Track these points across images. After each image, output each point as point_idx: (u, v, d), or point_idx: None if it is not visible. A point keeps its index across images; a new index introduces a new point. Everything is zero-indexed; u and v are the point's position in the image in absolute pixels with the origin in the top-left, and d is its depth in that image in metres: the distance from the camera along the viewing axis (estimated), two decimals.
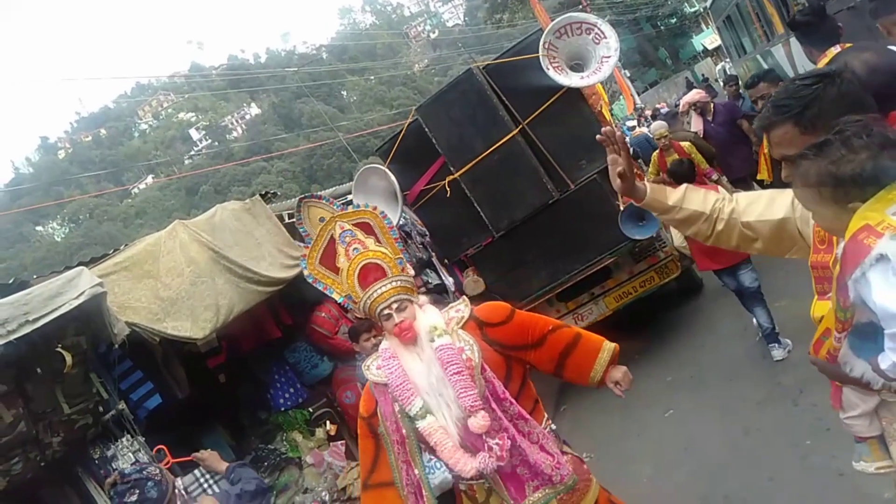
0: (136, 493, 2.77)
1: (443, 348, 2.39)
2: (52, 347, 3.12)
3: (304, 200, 2.72)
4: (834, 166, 1.33)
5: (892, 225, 1.25)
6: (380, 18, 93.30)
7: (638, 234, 5.36)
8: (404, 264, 2.57)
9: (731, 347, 5.26)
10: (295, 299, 5.14)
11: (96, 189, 48.42)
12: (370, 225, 2.60)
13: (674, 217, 1.95)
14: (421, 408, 2.38)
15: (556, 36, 5.29)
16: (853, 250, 1.29)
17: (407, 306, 2.47)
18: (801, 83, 1.56)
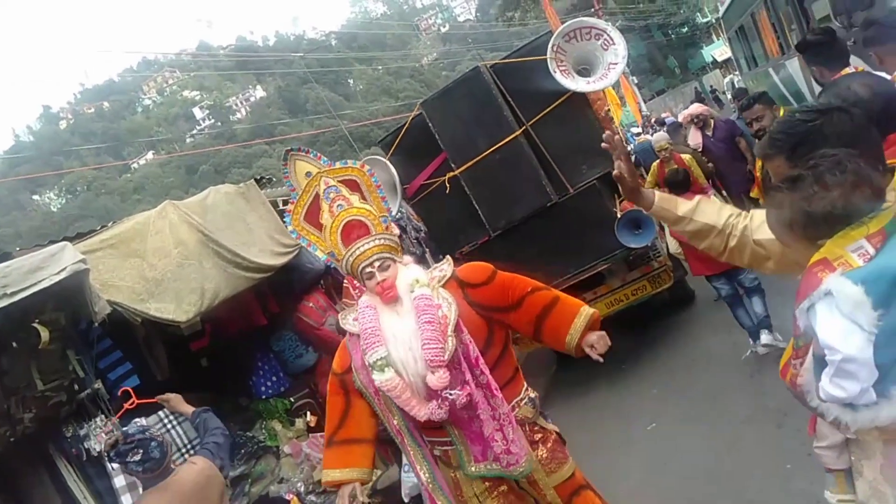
0: (140, 453, 2.82)
1: (420, 297, 2.38)
2: (30, 322, 3.06)
3: (290, 153, 2.66)
4: (806, 203, 1.35)
5: (847, 262, 1.27)
6: (391, 8, 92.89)
7: (633, 242, 5.40)
8: (388, 222, 2.55)
9: (718, 363, 5.23)
10: (283, 287, 5.08)
11: (96, 161, 48.21)
12: (356, 182, 2.57)
13: (684, 228, 1.93)
14: (381, 358, 2.36)
15: (566, 39, 5.29)
16: (807, 282, 1.33)
17: (390, 265, 2.45)
18: (800, 118, 1.56)
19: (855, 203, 1.31)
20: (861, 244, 1.30)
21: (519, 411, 2.53)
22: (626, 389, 5.53)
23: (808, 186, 1.35)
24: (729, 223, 1.83)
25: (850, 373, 1.27)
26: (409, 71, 62.94)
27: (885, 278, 1.24)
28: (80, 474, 3.32)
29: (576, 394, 5.82)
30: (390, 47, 65.43)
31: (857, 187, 1.31)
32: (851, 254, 1.29)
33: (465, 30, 65.54)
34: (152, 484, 2.88)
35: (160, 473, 2.88)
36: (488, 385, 2.39)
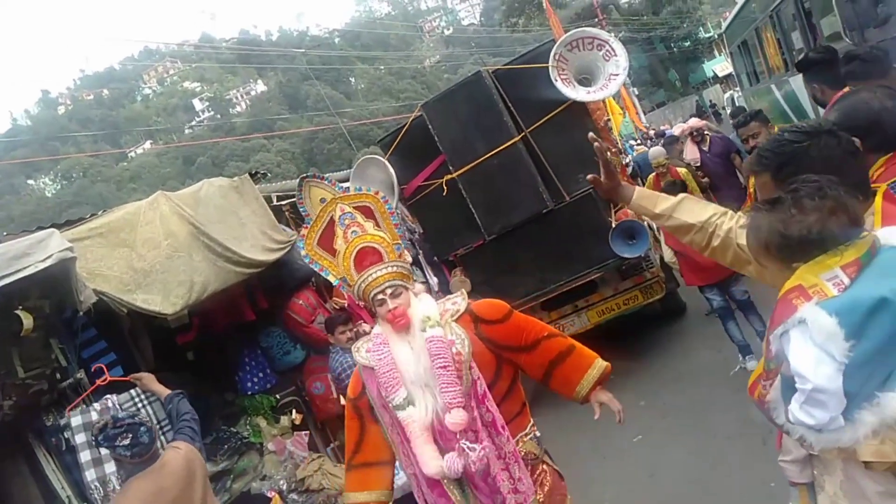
0: (129, 437, 2.81)
1: (433, 340, 2.36)
2: (13, 308, 3.02)
3: (305, 180, 2.67)
4: (783, 225, 1.36)
5: (822, 291, 1.29)
6: (396, 9, 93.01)
7: (627, 252, 5.41)
8: (402, 250, 2.54)
9: (707, 378, 5.22)
10: (274, 283, 5.05)
11: (93, 149, 48.08)
12: (371, 209, 2.57)
13: (664, 224, 1.97)
14: (404, 399, 2.37)
15: (568, 48, 5.33)
16: (782, 307, 1.34)
17: (401, 292, 2.45)
18: (788, 137, 1.57)
19: (831, 229, 1.32)
20: (836, 273, 1.31)
21: (523, 446, 2.49)
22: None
23: (786, 209, 1.37)
24: (711, 222, 1.85)
25: (821, 402, 1.29)
26: (411, 72, 62.98)
27: (858, 310, 1.26)
28: (58, 463, 3.28)
29: (562, 401, 5.78)
30: (393, 47, 65.50)
31: (835, 214, 1.33)
32: (826, 283, 1.31)
33: (468, 34, 65.66)
34: (139, 469, 2.86)
35: (148, 458, 2.87)
36: (493, 423, 2.37)
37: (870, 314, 1.25)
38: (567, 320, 6.01)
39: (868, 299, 1.25)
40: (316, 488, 4.64)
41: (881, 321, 1.25)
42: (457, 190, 5.63)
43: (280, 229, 4.97)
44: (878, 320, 1.25)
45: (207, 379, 5.07)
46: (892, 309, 1.25)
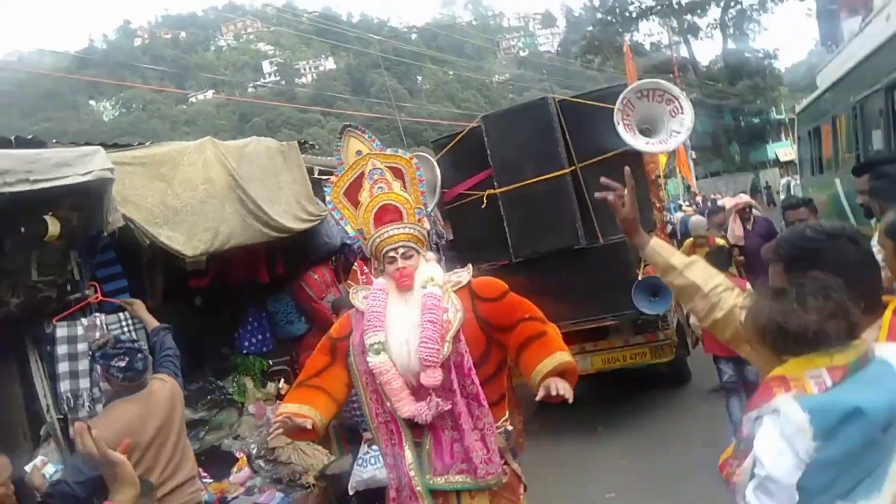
0: (126, 361, 2.94)
1: (430, 296, 2.43)
2: (43, 213, 3.08)
3: (347, 129, 2.74)
4: (782, 317, 1.38)
5: (803, 386, 1.31)
6: (478, 20, 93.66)
7: (647, 307, 5.36)
8: (422, 215, 2.59)
9: (696, 449, 5.11)
10: (295, 252, 5.09)
11: (158, 85, 49.03)
12: (402, 171, 2.63)
13: (672, 281, 1.99)
14: (378, 342, 2.40)
15: (638, 96, 5.33)
16: (762, 393, 1.37)
17: (413, 255, 2.50)
18: (809, 234, 1.59)
19: (827, 332, 1.34)
20: (821, 373, 1.32)
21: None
22: (596, 452, 5.44)
23: (788, 302, 1.39)
24: (716, 293, 1.88)
25: (770, 491, 1.30)
26: (478, 84, 63.21)
27: (832, 413, 1.26)
28: (45, 371, 3.33)
29: (544, 443, 5.73)
30: (466, 56, 65.90)
31: (834, 318, 1.34)
32: (809, 379, 1.32)
33: (542, 60, 65.71)
34: (126, 393, 2.98)
35: (137, 386, 2.98)
36: (476, 395, 2.40)
37: (842, 420, 1.25)
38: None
39: (844, 405, 1.25)
40: (284, 461, 4.64)
41: (852, 430, 1.24)
42: (496, 206, 5.66)
43: (315, 202, 5.01)
44: (849, 428, 1.24)
45: (209, 328, 5.13)
46: (865, 420, 1.24)
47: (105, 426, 2.84)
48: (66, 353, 3.26)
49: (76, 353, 3.28)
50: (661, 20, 39.64)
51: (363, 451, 4.14)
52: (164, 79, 56.60)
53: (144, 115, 59.30)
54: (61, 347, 3.26)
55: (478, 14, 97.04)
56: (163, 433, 3.02)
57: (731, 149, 39.83)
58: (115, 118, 61.66)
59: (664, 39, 39.29)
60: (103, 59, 59.77)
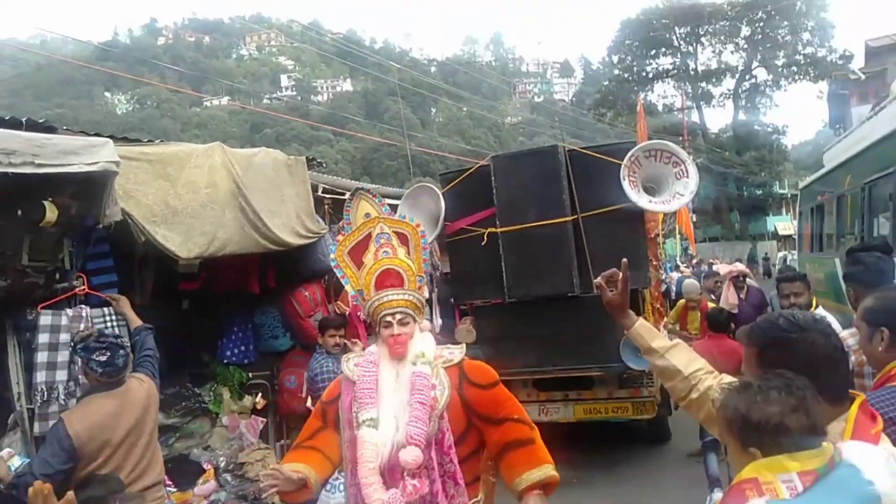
0: (107, 356, 2.93)
1: (419, 375, 2.41)
2: (43, 198, 3.06)
3: (359, 192, 2.80)
4: (745, 408, 1.43)
5: (775, 490, 1.33)
6: (498, 61, 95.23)
7: (633, 363, 5.36)
8: (422, 283, 2.60)
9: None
10: (288, 267, 5.06)
11: (175, 85, 49.47)
12: (407, 237, 2.66)
13: (654, 361, 2.06)
14: (371, 419, 2.38)
15: (646, 154, 5.42)
16: (735, 495, 1.38)
17: (409, 322, 2.50)
18: (782, 324, 1.65)
19: (787, 425, 1.37)
20: (792, 478, 1.34)
21: None
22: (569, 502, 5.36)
23: (752, 394, 1.44)
24: (696, 375, 1.97)
25: None
26: (490, 123, 64.01)
27: None
28: (21, 359, 3.27)
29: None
30: (482, 95, 66.76)
31: (796, 412, 1.39)
32: (781, 484, 1.34)
33: (555, 107, 66.70)
34: (104, 389, 2.96)
35: (115, 382, 2.96)
36: (454, 474, 2.38)
37: None
38: (554, 406, 6.00)
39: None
40: (252, 477, 4.54)
41: None
42: (495, 245, 5.68)
43: (315, 219, 5.00)
44: None
45: (192, 333, 5.07)
46: None
47: (79, 419, 2.80)
48: (48, 342, 3.21)
49: (57, 343, 3.23)
50: (676, 84, 40.40)
51: (333, 477, 4.05)
52: (182, 80, 57.12)
53: (157, 113, 59.73)
54: (42, 336, 3.21)
55: (498, 55, 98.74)
56: (135, 433, 2.98)
57: (732, 217, 40.21)
58: (127, 112, 62.10)
59: (677, 103, 40.00)
60: (124, 54, 60.38)
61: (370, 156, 54.20)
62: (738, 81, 38.66)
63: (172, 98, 60.35)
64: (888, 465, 1.39)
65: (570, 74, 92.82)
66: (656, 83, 40.52)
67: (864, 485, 1.33)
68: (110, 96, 66.01)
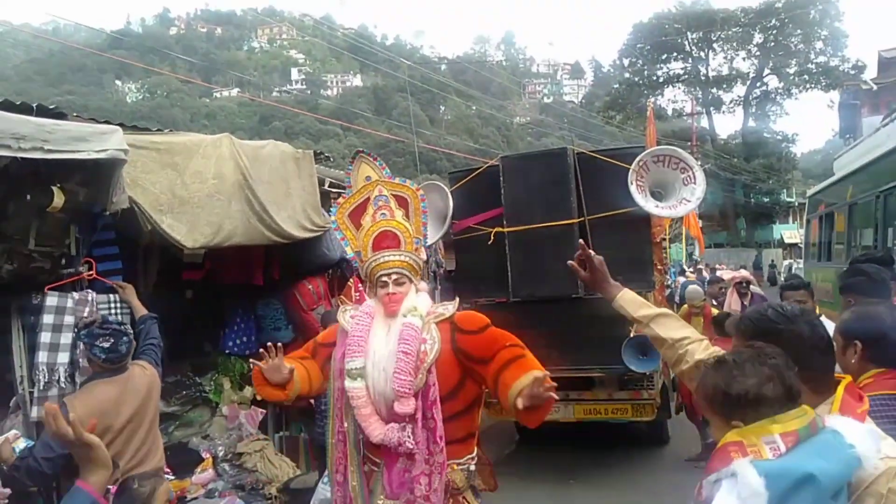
0: (110, 342, 2.97)
1: (408, 326, 2.46)
2: (51, 184, 3.08)
3: (360, 154, 2.82)
4: (724, 383, 1.49)
5: (759, 451, 1.39)
6: (508, 61, 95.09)
7: (635, 365, 5.37)
8: (420, 244, 2.65)
9: None
10: (292, 259, 5.08)
11: (186, 76, 49.55)
12: (407, 200, 2.69)
13: (641, 330, 2.13)
14: (358, 368, 2.45)
15: (654, 160, 5.42)
16: (719, 456, 1.43)
17: (405, 282, 2.56)
18: (770, 314, 1.74)
19: (765, 394, 1.44)
20: (775, 439, 1.40)
21: (451, 473, 2.48)
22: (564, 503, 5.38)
23: (728, 369, 1.50)
24: (683, 344, 2.02)
25: None
26: (498, 122, 63.92)
27: (786, 479, 1.32)
28: (25, 342, 3.30)
29: (515, 487, 5.65)
30: (491, 94, 66.66)
31: (772, 381, 1.45)
32: (765, 445, 1.40)
33: (564, 109, 66.59)
34: (107, 375, 2.98)
35: (117, 369, 2.99)
36: (434, 429, 2.40)
37: (795, 486, 1.31)
38: (554, 406, 5.95)
39: (797, 471, 1.32)
40: (250, 468, 4.56)
41: (804, 495, 1.31)
42: (501, 244, 5.71)
43: (321, 213, 5.01)
44: (802, 493, 1.31)
45: (195, 322, 5.09)
46: (816, 487, 1.31)
47: (81, 404, 2.82)
48: (52, 323, 3.23)
49: (61, 324, 3.25)
50: (686, 89, 40.28)
51: (324, 478, 4.08)
52: (193, 70, 57.23)
53: (167, 103, 59.84)
54: (47, 317, 3.23)
55: (509, 55, 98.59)
56: (136, 419, 3.01)
57: (739, 223, 40.07)
58: (137, 101, 62.21)
59: (687, 108, 39.88)
60: (136, 42, 60.53)
61: (377, 151, 53.69)
62: (749, 88, 38.52)
63: (182, 88, 60.47)
64: (870, 434, 1.44)
65: (581, 76, 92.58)
66: (667, 87, 40.40)
67: (846, 448, 1.39)
68: (121, 84, 66.16)
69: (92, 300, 3.40)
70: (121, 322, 3.21)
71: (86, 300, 3.37)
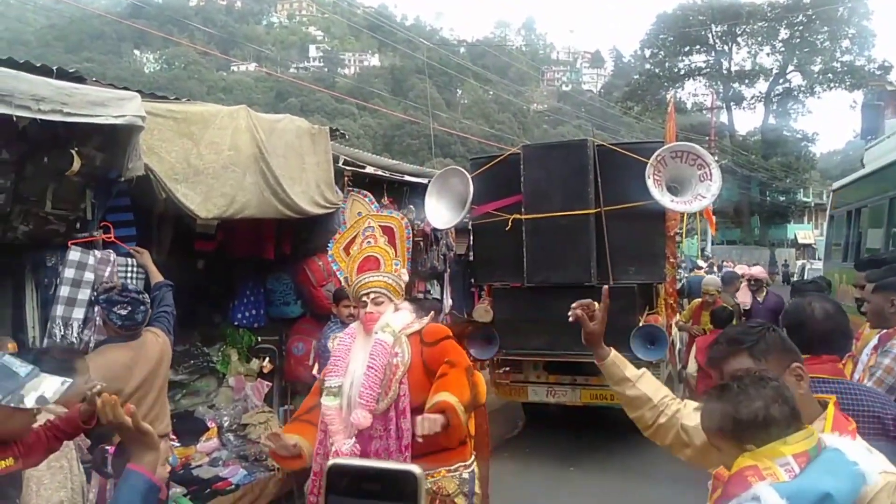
0: (127, 310, 3.04)
1: (378, 343, 2.63)
2: (69, 147, 3.09)
3: (351, 193, 3.21)
4: (734, 409, 1.51)
5: (775, 474, 1.41)
6: (528, 46, 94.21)
7: (643, 354, 5.49)
8: (400, 266, 2.83)
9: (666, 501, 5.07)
10: (304, 235, 5.09)
11: (204, 47, 49.51)
12: (393, 230, 2.91)
13: (624, 391, 2.14)
14: (335, 386, 2.62)
15: (672, 155, 5.52)
16: (737, 482, 1.45)
17: (383, 301, 2.73)
18: (749, 327, 1.87)
19: (774, 415, 1.47)
20: (788, 461, 1.43)
21: (442, 480, 2.58)
22: (564, 493, 5.40)
23: (734, 395, 1.53)
24: (663, 402, 2.07)
25: None
26: (515, 109, 63.50)
27: (805, 499, 1.35)
28: (39, 302, 3.33)
29: (510, 472, 5.69)
30: (509, 79, 66.17)
31: (777, 402, 1.49)
32: (780, 468, 1.42)
33: (582, 98, 66.05)
34: (121, 340, 3.01)
35: (132, 335, 3.06)
36: (401, 440, 2.54)
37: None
38: (562, 389, 6.20)
39: (816, 492, 1.35)
40: (254, 439, 4.61)
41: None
42: (519, 231, 5.85)
43: (334, 190, 5.00)
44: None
45: (205, 293, 5.12)
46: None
47: (94, 367, 2.86)
48: (72, 277, 3.25)
49: (81, 280, 3.26)
50: (707, 83, 39.81)
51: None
52: (211, 42, 57.15)
53: (184, 75, 59.77)
54: (69, 271, 3.24)
55: (529, 41, 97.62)
56: (146, 385, 3.05)
57: (752, 221, 39.76)
58: (155, 71, 62.16)
59: (707, 102, 39.45)
60: (156, 12, 60.36)
61: (392, 132, 53.99)
62: (772, 84, 38.02)
63: (200, 60, 60.35)
64: (867, 451, 1.50)
65: (601, 65, 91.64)
66: (687, 80, 39.96)
67: (851, 465, 1.43)
68: (139, 54, 66.15)
69: (114, 261, 3.42)
70: (140, 290, 3.23)
71: (108, 260, 3.39)
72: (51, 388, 1.75)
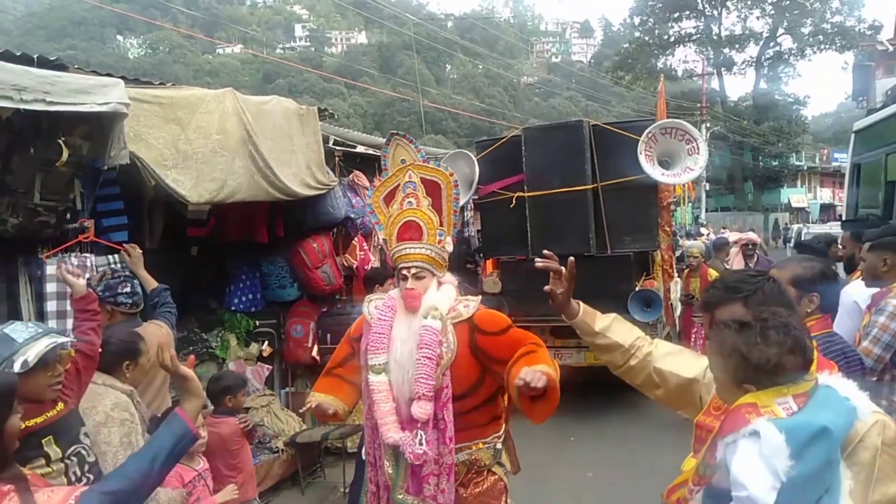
0: (129, 286, 3.11)
1: (429, 329, 2.41)
2: (55, 137, 3.05)
3: (395, 137, 2.74)
4: (745, 348, 1.49)
5: (773, 411, 1.43)
6: (516, 18, 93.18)
7: (640, 316, 5.97)
8: (444, 237, 2.55)
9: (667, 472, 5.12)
10: (297, 217, 5.07)
11: (188, 31, 48.80)
12: (439, 186, 2.58)
13: (595, 342, 2.14)
14: (381, 363, 2.44)
15: (662, 132, 6.03)
16: (734, 418, 1.47)
17: (425, 276, 2.49)
18: (748, 275, 1.86)
19: (784, 365, 1.46)
20: (787, 400, 1.45)
21: (478, 452, 2.52)
22: (564, 461, 5.47)
23: (752, 335, 1.50)
24: (634, 344, 2.07)
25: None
26: (505, 82, 62.97)
27: (804, 433, 1.37)
28: (33, 294, 3.32)
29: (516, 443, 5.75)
30: (498, 52, 65.55)
31: (793, 353, 1.47)
32: (778, 406, 1.44)
33: (572, 69, 65.48)
34: (130, 324, 3.02)
35: (136, 314, 3.13)
36: (444, 430, 2.41)
37: (812, 439, 1.37)
38: (567, 351, 6.56)
39: (813, 425, 1.38)
40: (257, 422, 4.63)
41: (820, 447, 1.37)
42: (522, 207, 6.40)
43: (325, 171, 4.98)
44: (818, 446, 1.37)
45: (201, 279, 5.11)
46: (829, 438, 1.38)
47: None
48: (55, 291, 3.23)
49: (65, 291, 3.22)
50: (697, 49, 39.47)
51: None
52: (195, 25, 56.34)
53: (169, 59, 58.99)
54: (50, 286, 3.23)
55: (517, 12, 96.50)
56: (152, 372, 3.04)
57: (746, 187, 39.76)
58: (139, 56, 61.29)
59: (698, 68, 39.16)
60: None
61: (382, 111, 53.54)
62: (762, 48, 37.71)
63: (185, 44, 59.54)
64: (856, 389, 1.52)
65: (590, 35, 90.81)
66: (678, 47, 39.56)
67: (844, 401, 1.47)
68: (122, 40, 65.18)
69: (91, 265, 3.37)
70: (127, 271, 3.26)
71: (84, 266, 3.34)
72: (34, 350, 1.89)
